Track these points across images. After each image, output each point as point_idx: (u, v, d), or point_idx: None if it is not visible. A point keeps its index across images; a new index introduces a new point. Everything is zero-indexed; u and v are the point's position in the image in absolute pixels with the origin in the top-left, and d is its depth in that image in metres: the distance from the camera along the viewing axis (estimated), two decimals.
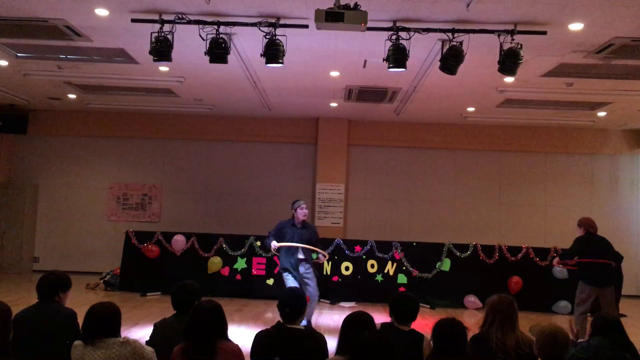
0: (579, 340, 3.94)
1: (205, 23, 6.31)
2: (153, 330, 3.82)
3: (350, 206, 12.64)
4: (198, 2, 6.01)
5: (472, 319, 8.91)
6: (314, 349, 3.54)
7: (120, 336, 3.33)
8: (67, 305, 4.01)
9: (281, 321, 3.66)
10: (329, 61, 8.11)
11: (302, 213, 7.16)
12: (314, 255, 7.57)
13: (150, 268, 10.26)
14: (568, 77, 8.45)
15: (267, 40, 6.31)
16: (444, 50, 6.56)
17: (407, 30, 6.23)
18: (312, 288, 7.08)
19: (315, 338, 3.62)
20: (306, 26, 6.27)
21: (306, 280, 7.08)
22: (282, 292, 3.83)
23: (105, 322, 3.30)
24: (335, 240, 10.38)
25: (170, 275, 9.49)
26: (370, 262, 10.27)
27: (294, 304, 3.67)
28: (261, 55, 6.39)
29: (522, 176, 12.73)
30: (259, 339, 3.63)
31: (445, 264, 10.25)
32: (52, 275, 3.98)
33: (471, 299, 10.07)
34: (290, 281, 6.97)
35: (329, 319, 8.59)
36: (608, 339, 3.65)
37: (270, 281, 10.21)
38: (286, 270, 7.08)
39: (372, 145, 12.74)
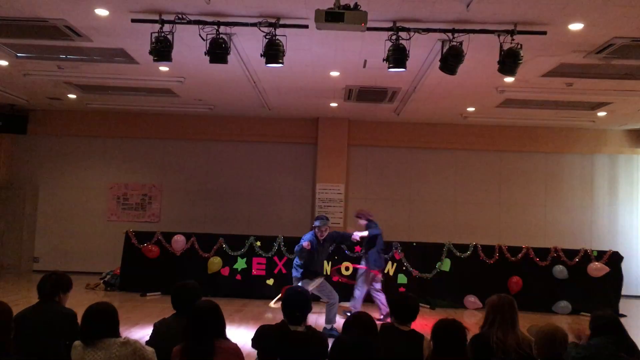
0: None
1: (205, 23, 6.31)
2: (153, 330, 3.82)
3: (351, 206, 12.61)
4: (198, 2, 6.01)
5: (472, 319, 8.91)
6: (316, 351, 3.54)
7: (120, 336, 3.33)
8: (67, 305, 4.02)
9: (285, 321, 3.64)
10: (329, 61, 8.11)
11: (320, 235, 7.43)
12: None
13: (150, 268, 10.25)
14: (568, 77, 8.44)
15: (267, 40, 6.31)
16: (444, 50, 6.56)
17: (407, 30, 6.23)
18: (332, 295, 7.49)
19: (318, 340, 3.62)
20: (306, 26, 6.27)
21: (324, 288, 7.52)
22: (289, 293, 3.78)
23: (103, 323, 3.29)
24: None
25: (170, 275, 9.47)
26: None
27: (303, 307, 3.66)
28: (261, 55, 6.39)
29: (522, 176, 12.73)
30: (261, 332, 3.64)
31: (445, 264, 10.24)
32: (54, 275, 3.99)
33: (471, 299, 10.07)
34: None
35: None
36: (608, 338, 3.64)
37: (270, 281, 10.21)
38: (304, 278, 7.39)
39: (372, 145, 12.74)
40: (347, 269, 10.23)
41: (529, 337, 3.68)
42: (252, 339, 3.62)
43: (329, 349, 3.56)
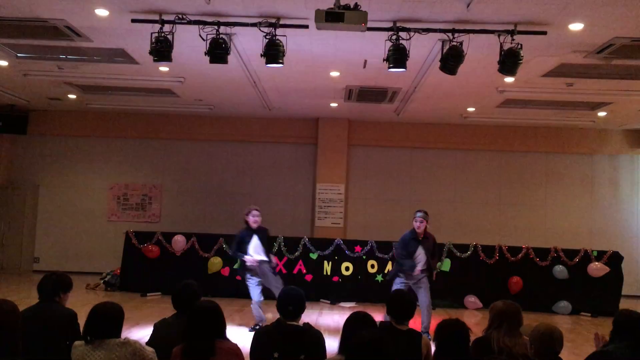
0: None
1: (205, 23, 6.31)
2: (153, 330, 3.82)
3: (351, 206, 12.63)
4: (198, 2, 6.01)
5: (472, 319, 8.91)
6: (312, 346, 3.57)
7: (120, 337, 3.33)
8: (68, 305, 4.02)
9: (281, 318, 3.70)
10: (329, 61, 8.11)
11: (416, 226, 7.77)
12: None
13: (150, 268, 10.25)
14: (568, 77, 8.44)
15: (267, 40, 6.31)
16: (444, 51, 6.56)
17: (407, 30, 6.23)
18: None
19: (314, 335, 3.66)
20: (306, 26, 6.27)
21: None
22: (283, 290, 3.90)
23: (109, 323, 3.30)
24: (336, 241, 10.38)
25: (171, 276, 9.48)
26: (370, 262, 10.27)
27: (297, 302, 3.72)
28: (261, 55, 6.39)
29: (522, 176, 12.73)
30: (258, 336, 3.69)
31: (445, 264, 10.23)
32: (54, 275, 4.00)
33: (471, 299, 10.07)
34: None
35: (329, 319, 8.59)
36: (629, 343, 3.45)
37: None
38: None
39: (372, 146, 12.74)
40: (347, 268, 10.25)
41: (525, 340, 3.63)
42: (251, 348, 3.65)
43: (325, 347, 3.62)
